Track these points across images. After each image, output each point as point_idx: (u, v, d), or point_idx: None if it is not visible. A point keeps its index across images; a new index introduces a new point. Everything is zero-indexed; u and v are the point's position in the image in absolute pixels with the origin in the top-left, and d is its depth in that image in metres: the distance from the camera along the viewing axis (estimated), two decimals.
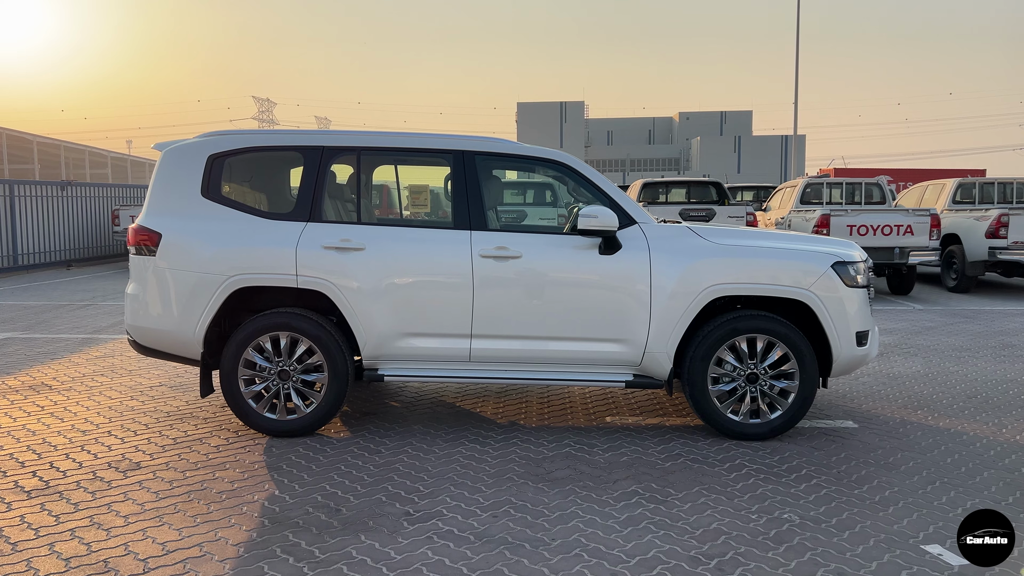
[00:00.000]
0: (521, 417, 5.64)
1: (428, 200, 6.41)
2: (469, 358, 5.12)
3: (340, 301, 5.03)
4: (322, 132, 5.34)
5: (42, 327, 9.55)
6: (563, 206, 16.37)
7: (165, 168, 5.28)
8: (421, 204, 6.39)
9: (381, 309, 5.03)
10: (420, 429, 5.35)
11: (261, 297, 5.34)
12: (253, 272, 5.05)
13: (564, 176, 5.62)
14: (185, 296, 5.08)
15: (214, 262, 5.05)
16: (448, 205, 5.34)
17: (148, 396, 6.22)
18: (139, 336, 5.29)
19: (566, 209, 7.17)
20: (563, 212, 15.22)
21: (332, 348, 5.05)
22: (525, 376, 5.11)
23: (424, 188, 6.52)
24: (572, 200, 6.37)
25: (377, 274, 5.03)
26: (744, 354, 5.03)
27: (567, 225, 5.60)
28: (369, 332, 5.06)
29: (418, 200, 6.39)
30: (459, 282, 5.03)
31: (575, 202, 6.20)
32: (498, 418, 5.61)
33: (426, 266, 5.07)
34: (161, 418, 5.61)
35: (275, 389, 5.11)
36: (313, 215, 5.15)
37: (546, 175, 6.05)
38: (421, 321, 5.07)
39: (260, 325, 5.05)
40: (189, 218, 5.17)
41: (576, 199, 6.18)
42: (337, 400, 5.11)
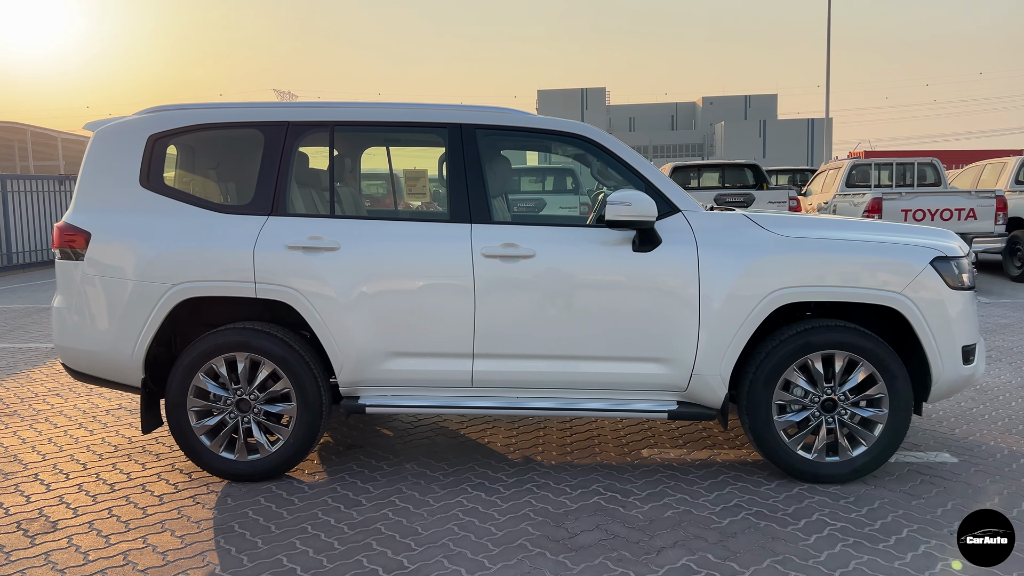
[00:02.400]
0: (538, 450, 4.62)
1: (427, 188, 5.37)
2: (471, 383, 4.10)
3: (309, 313, 4.04)
4: (287, 105, 4.34)
5: (13, 335, 8.68)
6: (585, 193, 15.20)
7: (97, 152, 4.30)
8: (419, 193, 5.35)
9: (360, 323, 4.03)
10: (414, 469, 4.35)
11: (217, 310, 4.36)
12: (201, 279, 4.06)
13: (587, 154, 4.59)
14: (120, 310, 4.11)
15: (154, 267, 4.07)
16: (443, 193, 4.31)
17: (99, 423, 5.27)
18: (69, 359, 4.33)
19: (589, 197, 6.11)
20: (586, 200, 14.13)
21: (301, 372, 4.06)
22: (539, 406, 4.08)
23: (422, 174, 5.48)
24: (597, 185, 5.32)
25: (354, 279, 4.03)
26: (819, 375, 3.97)
27: (591, 215, 4.57)
28: (346, 351, 4.06)
29: (415, 188, 5.35)
30: (457, 288, 4.01)
31: (600, 187, 5.15)
32: (510, 452, 4.60)
33: (415, 268, 4.05)
34: (106, 454, 4.66)
35: (233, 423, 4.13)
36: (276, 207, 4.15)
37: (565, 154, 5.01)
38: (410, 337, 4.06)
39: (212, 345, 4.07)
40: (124, 213, 4.19)
41: (602, 183, 5.13)
42: (309, 436, 4.12)
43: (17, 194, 15.40)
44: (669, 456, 4.50)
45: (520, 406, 4.07)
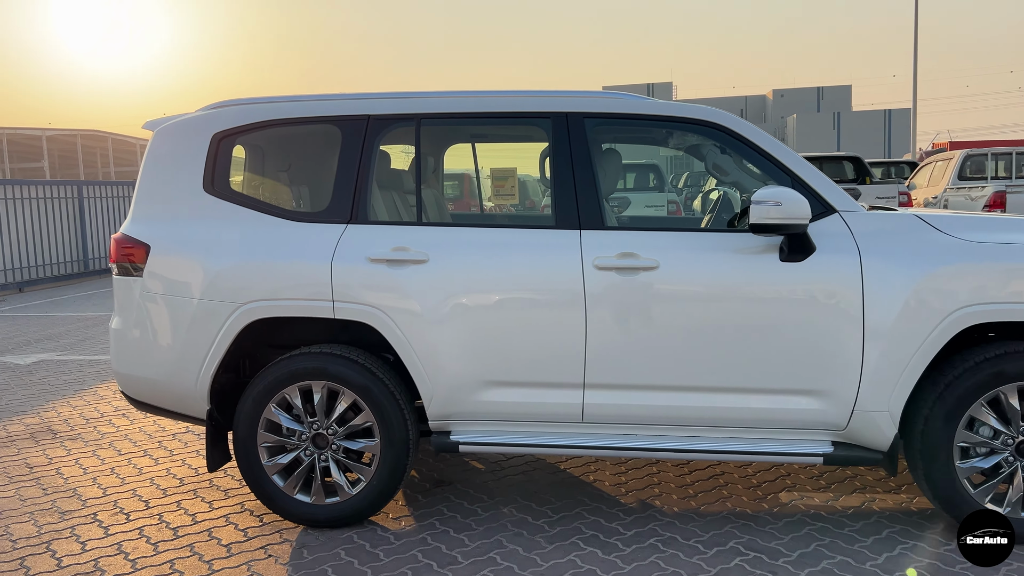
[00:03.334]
0: (654, 492, 3.97)
1: (516, 189, 4.76)
2: (581, 417, 3.48)
3: (394, 336, 3.48)
4: (367, 96, 3.79)
5: (83, 346, 8.43)
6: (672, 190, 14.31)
7: (157, 154, 3.83)
8: (508, 194, 4.76)
9: (452, 346, 3.46)
10: (513, 515, 3.76)
11: (290, 330, 3.85)
12: (272, 297, 3.54)
13: (709, 146, 3.94)
14: (183, 332, 3.63)
15: (220, 283, 3.57)
16: (546, 195, 3.69)
17: (164, 450, 4.84)
18: (128, 387, 3.87)
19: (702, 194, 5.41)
20: (674, 199, 13.32)
21: (385, 403, 3.51)
22: (664, 447, 3.43)
23: (510, 173, 4.88)
24: (718, 180, 4.63)
25: (446, 296, 3.46)
26: (1015, 412, 3.22)
27: (708, 217, 3.91)
28: (436, 380, 3.49)
29: (503, 189, 4.76)
30: (565, 306, 3.40)
31: (719, 184, 4.47)
32: (621, 493, 3.96)
33: (515, 283, 3.45)
34: (171, 488, 4.20)
35: (308, 461, 3.61)
36: (356, 214, 3.61)
37: (681, 143, 4.35)
38: (510, 364, 3.47)
39: (284, 372, 3.55)
40: (187, 223, 3.71)
41: (720, 179, 4.45)
42: (394, 477, 3.57)
43: (94, 200, 15.44)
44: (814, 502, 3.80)
45: (641, 446, 3.43)
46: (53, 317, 10.60)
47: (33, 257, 13.88)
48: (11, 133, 36.18)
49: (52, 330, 9.51)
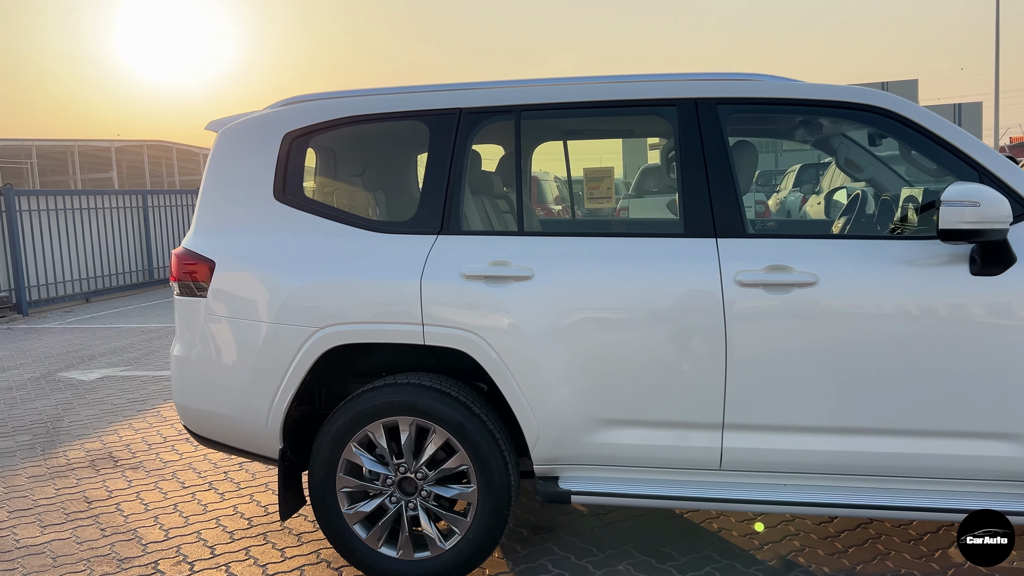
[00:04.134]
0: (795, 546, 3.37)
1: (612, 192, 4.22)
2: (719, 464, 2.91)
3: (494, 366, 2.96)
4: (458, 87, 3.28)
5: (148, 360, 8.16)
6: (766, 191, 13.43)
7: (221, 158, 3.39)
8: (603, 197, 4.21)
9: (564, 379, 2.93)
10: (631, 573, 3.20)
11: (369, 357, 3.37)
12: (354, 320, 3.06)
13: (845, 138, 3.35)
14: (252, 360, 3.17)
15: (295, 304, 3.11)
16: (673, 197, 3.13)
17: (231, 483, 4.42)
18: (191, 421, 3.44)
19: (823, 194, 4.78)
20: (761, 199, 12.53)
21: (484, 444, 3.00)
22: (824, 501, 2.83)
23: (607, 173, 4.34)
24: (853, 178, 4.01)
25: (556, 319, 2.92)
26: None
27: (840, 220, 3.31)
28: (544, 418, 2.96)
29: (598, 191, 4.22)
30: (701, 330, 2.84)
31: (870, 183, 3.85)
32: (756, 548, 3.37)
33: (639, 302, 2.90)
34: (238, 531, 3.76)
35: (395, 509, 3.12)
36: (447, 223, 3.10)
37: (819, 134, 3.74)
38: (632, 399, 2.91)
39: (368, 407, 3.06)
40: (256, 235, 3.25)
41: (854, 176, 3.83)
42: (494, 530, 3.05)
43: (159, 209, 15.39)
44: None
45: (800, 500, 2.83)
46: (118, 329, 10.43)
47: (100, 267, 13.84)
48: (82, 145, 37.11)
49: (117, 343, 9.29)
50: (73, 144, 36.86)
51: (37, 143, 35.56)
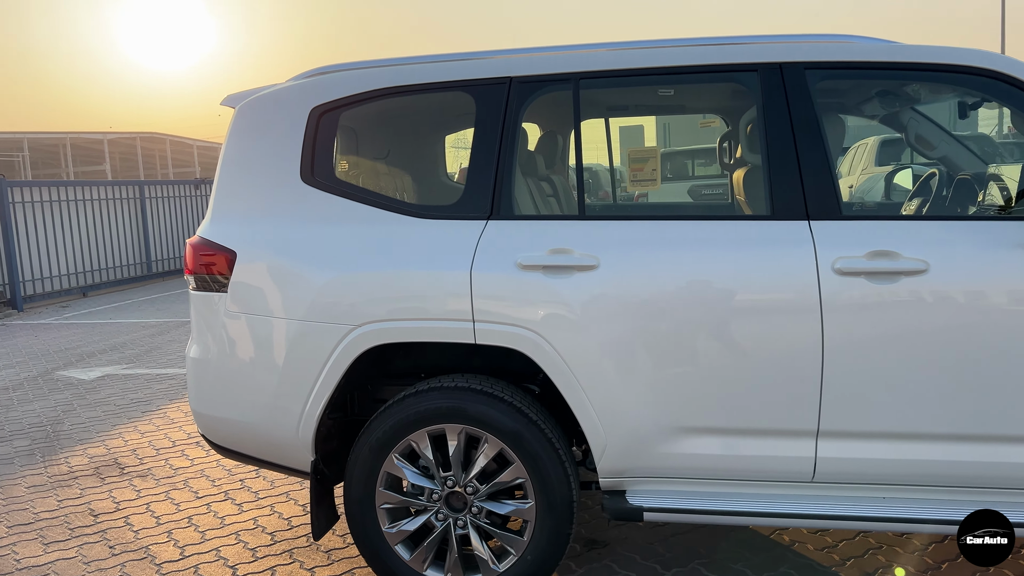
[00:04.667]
0: (880, 561, 3.05)
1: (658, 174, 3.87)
2: (812, 476, 2.58)
3: (556, 368, 2.63)
4: (508, 53, 2.94)
5: (150, 356, 7.80)
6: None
7: (241, 136, 3.04)
8: (648, 179, 3.87)
9: (636, 382, 2.59)
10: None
11: (409, 356, 3.04)
12: (395, 317, 2.72)
13: (916, 113, 3.02)
14: (280, 363, 2.83)
15: (328, 299, 2.76)
16: (756, 176, 2.80)
17: (249, 492, 4.08)
18: (211, 430, 3.10)
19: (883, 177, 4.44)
20: None
21: (543, 455, 2.66)
22: (932, 517, 2.50)
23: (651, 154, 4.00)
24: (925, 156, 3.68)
25: (626, 314, 2.59)
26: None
27: (933, 198, 2.99)
28: (613, 426, 2.63)
29: (642, 173, 3.87)
30: (793, 325, 2.50)
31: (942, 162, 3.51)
32: (837, 563, 3.05)
33: (721, 295, 2.56)
34: (260, 548, 3.43)
35: (442, 527, 2.79)
36: (497, 207, 2.76)
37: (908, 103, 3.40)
38: (712, 404, 2.58)
39: (411, 413, 2.73)
40: (282, 222, 2.91)
41: (926, 154, 3.50)
42: (554, 549, 2.72)
43: (156, 200, 14.98)
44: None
45: (907, 516, 2.50)
46: (117, 324, 10.06)
47: (96, 260, 13.45)
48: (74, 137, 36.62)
49: (117, 339, 8.93)
50: (65, 136, 36.35)
51: (28, 136, 35.08)
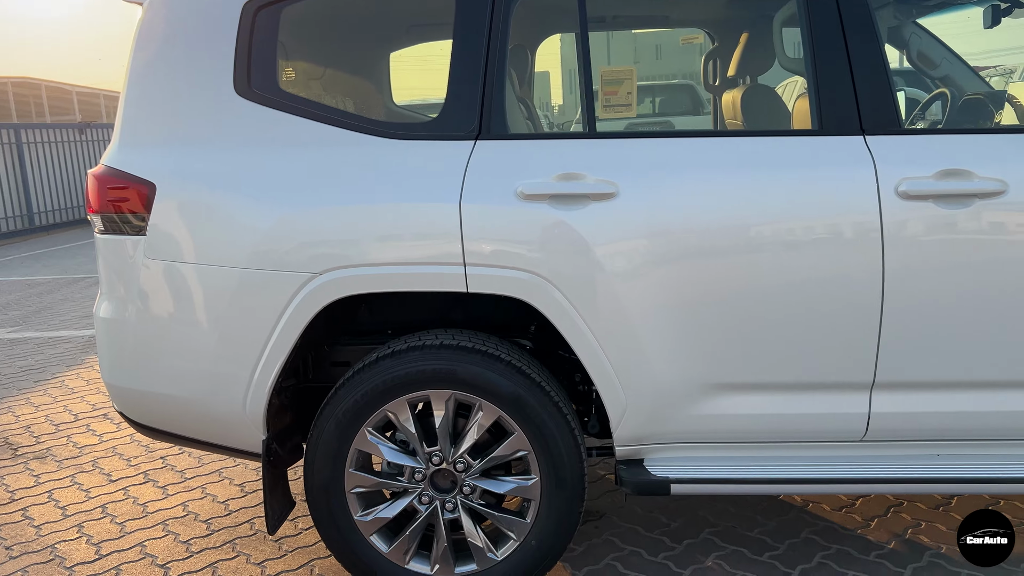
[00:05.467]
0: (905, 519, 2.78)
1: (634, 99, 3.43)
2: (864, 433, 2.24)
3: (567, 320, 2.18)
4: None
5: (40, 317, 6.94)
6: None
7: (153, 39, 2.40)
8: (622, 104, 3.42)
9: (663, 334, 2.17)
10: (724, 569, 2.53)
11: (375, 310, 2.53)
12: (368, 262, 2.20)
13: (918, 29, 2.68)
14: (220, 321, 2.28)
15: (279, 242, 2.22)
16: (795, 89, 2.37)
17: (173, 470, 3.51)
18: (129, 406, 2.52)
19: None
20: None
21: (549, 423, 2.23)
22: (995, 475, 2.20)
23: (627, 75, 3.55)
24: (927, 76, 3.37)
25: (652, 252, 2.16)
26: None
27: None
28: (635, 385, 2.21)
29: (616, 97, 3.42)
30: (848, 259, 2.13)
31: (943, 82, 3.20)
32: (861, 524, 2.76)
33: (764, 226, 2.16)
34: (195, 540, 2.90)
35: (427, 511, 2.33)
36: (488, 124, 2.25)
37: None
38: (755, 356, 2.20)
39: (388, 379, 2.24)
40: (212, 146, 2.32)
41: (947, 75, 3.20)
42: (561, 532, 2.32)
43: (35, 146, 13.57)
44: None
45: (968, 476, 2.19)
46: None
47: None
48: None
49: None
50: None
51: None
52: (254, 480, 3.38)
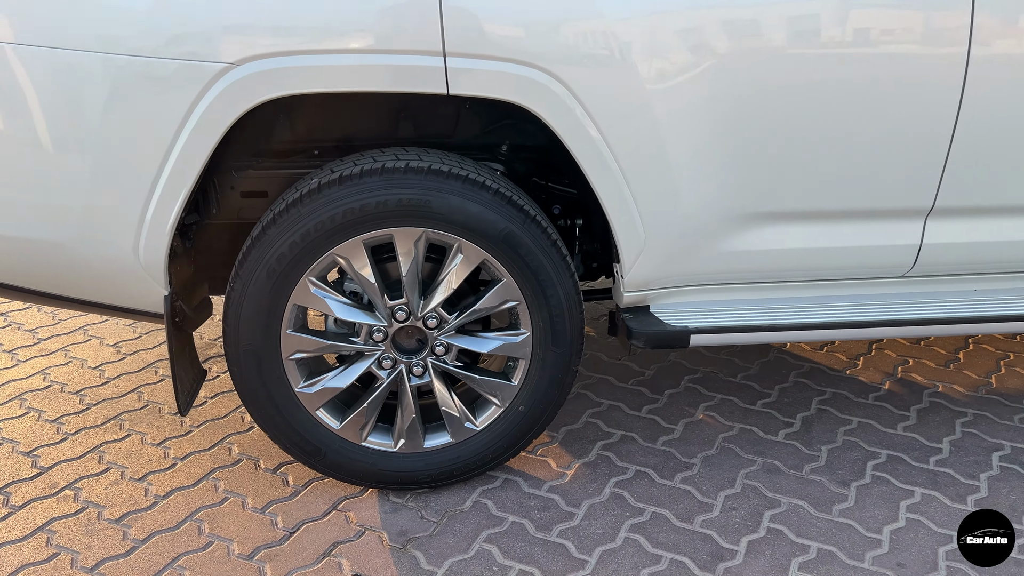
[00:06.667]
0: (890, 356, 2.59)
1: None
2: (909, 268, 1.94)
3: (579, 132, 1.67)
4: None
5: None
6: None
7: None
8: None
9: (699, 150, 1.72)
10: (744, 420, 2.26)
11: (304, 120, 1.91)
12: (306, 48, 1.56)
13: None
14: (93, 138, 1.59)
15: (174, 17, 1.53)
16: None
17: (21, 328, 2.82)
18: None
19: None
20: None
21: (546, 266, 1.79)
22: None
23: None
24: None
25: (691, 43, 1.64)
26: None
27: None
28: (658, 217, 1.78)
29: None
30: (929, 59, 1.72)
31: None
32: (849, 365, 2.55)
33: (830, 20, 1.69)
34: (65, 417, 2.30)
35: (390, 378, 1.85)
36: None
37: None
38: (805, 180, 1.79)
39: (336, 216, 1.68)
40: None
41: None
42: (554, 394, 1.93)
43: None
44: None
45: (1012, 313, 1.95)
46: None
47: None
48: None
49: None
50: None
51: None
52: (130, 339, 2.76)
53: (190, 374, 1.92)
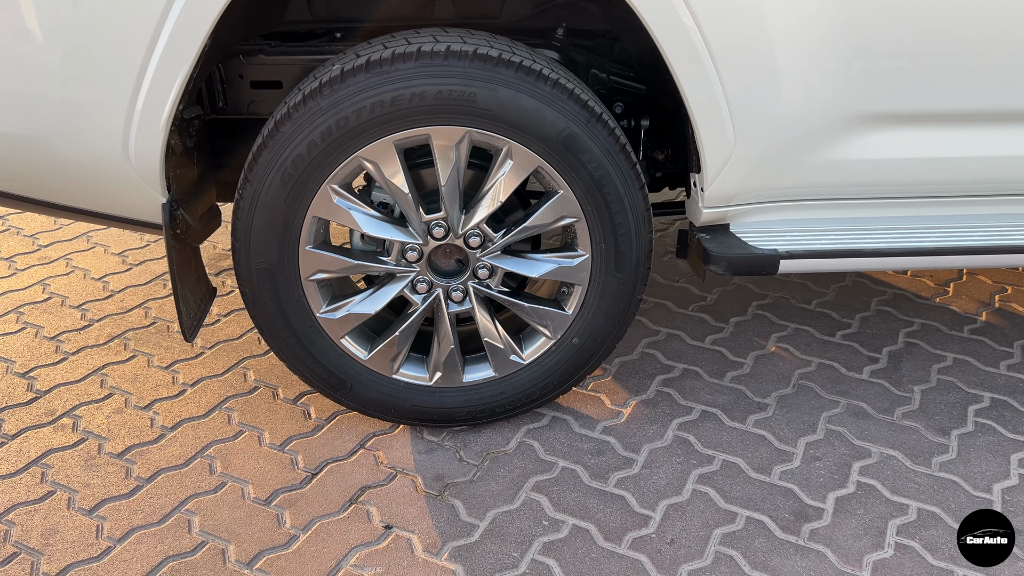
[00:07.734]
0: (1022, 293, 2.30)
1: None
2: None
3: (670, 14, 1.34)
4: None
5: None
6: None
7: None
8: None
9: (805, 41, 1.39)
10: (813, 355, 2.00)
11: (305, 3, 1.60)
12: None
13: None
14: (65, 15, 1.29)
15: None
16: None
17: (20, 233, 2.59)
18: None
19: None
20: None
21: (613, 176, 1.49)
22: None
23: None
24: None
25: None
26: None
27: None
28: (752, 121, 1.47)
29: None
30: None
31: None
32: (975, 303, 2.26)
33: None
34: (66, 334, 2.09)
35: (425, 304, 1.60)
36: None
37: None
38: (929, 74, 1.46)
39: (363, 111, 1.39)
40: None
41: None
42: (614, 328, 1.66)
43: None
44: None
45: None
46: None
47: None
48: None
49: None
50: None
51: None
52: (137, 247, 2.52)
53: (196, 293, 1.67)
